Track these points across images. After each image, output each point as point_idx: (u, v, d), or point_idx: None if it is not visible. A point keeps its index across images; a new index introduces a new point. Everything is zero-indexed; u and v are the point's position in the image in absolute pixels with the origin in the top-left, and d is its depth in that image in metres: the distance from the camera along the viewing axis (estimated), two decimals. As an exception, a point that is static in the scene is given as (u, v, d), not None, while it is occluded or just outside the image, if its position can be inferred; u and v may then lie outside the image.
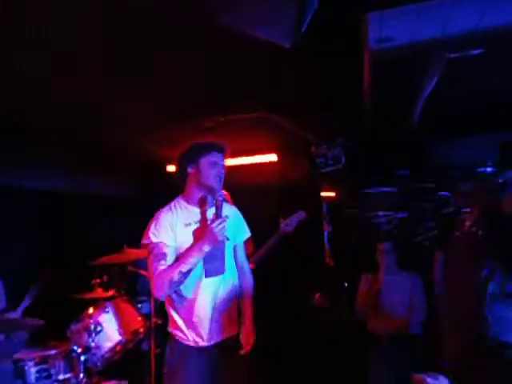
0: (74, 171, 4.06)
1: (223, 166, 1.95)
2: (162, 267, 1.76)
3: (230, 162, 4.26)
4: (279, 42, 1.51)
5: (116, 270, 3.30)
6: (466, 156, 4.07)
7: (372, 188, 3.82)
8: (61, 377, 2.46)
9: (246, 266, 2.11)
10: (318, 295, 3.94)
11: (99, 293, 2.91)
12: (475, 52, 1.59)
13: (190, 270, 1.76)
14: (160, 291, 1.77)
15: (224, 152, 1.97)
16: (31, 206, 3.82)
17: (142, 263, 3.81)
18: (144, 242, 1.86)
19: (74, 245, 4.01)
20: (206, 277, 1.86)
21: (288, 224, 2.83)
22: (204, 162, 1.91)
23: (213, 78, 2.37)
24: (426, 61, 1.70)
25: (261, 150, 4.13)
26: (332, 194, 5.26)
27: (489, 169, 4.83)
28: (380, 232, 3.68)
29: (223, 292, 1.92)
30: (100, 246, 3.58)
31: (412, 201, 4.23)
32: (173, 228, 1.85)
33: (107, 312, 2.66)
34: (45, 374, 2.46)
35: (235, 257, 2.04)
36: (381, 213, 4.15)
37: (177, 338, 1.93)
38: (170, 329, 1.98)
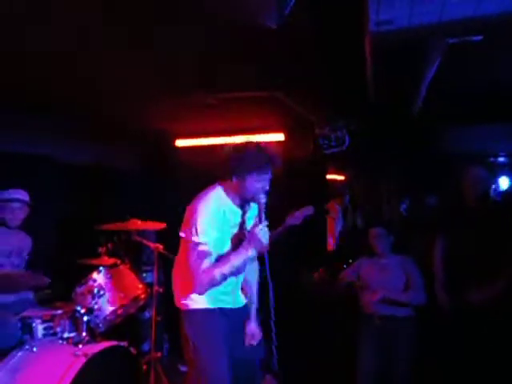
0: (85, 142, 4.16)
1: (270, 179, 1.92)
2: (205, 266, 1.82)
3: (237, 140, 4.35)
4: (265, 25, 1.52)
5: (121, 238, 3.43)
6: (476, 145, 4.02)
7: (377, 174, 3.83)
8: (65, 335, 2.58)
9: (256, 265, 2.19)
10: (320, 271, 4.03)
11: (104, 260, 3.03)
12: (475, 38, 1.58)
13: (232, 273, 1.86)
14: (202, 288, 1.86)
15: (273, 169, 1.92)
16: (42, 175, 3.96)
17: (147, 234, 3.94)
18: (188, 237, 1.86)
19: (83, 213, 4.16)
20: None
21: (294, 218, 2.89)
22: (250, 179, 1.88)
23: (219, 55, 2.38)
24: (426, 45, 1.69)
25: (268, 129, 4.15)
26: (340, 177, 5.28)
27: (500, 159, 4.76)
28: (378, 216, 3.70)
29: (236, 281, 2.06)
30: (106, 216, 3.71)
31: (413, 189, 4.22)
32: (219, 227, 1.88)
33: (109, 277, 2.79)
34: (51, 332, 2.60)
35: None
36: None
37: (197, 307, 1.98)
38: (189, 305, 2.00)
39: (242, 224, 1.98)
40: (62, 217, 4.04)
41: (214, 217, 1.87)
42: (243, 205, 1.98)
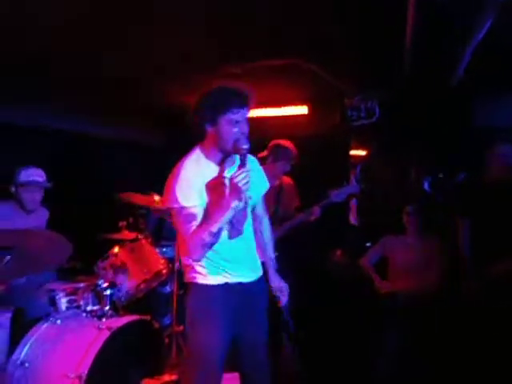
0: (107, 118, 4.11)
1: (246, 120, 1.68)
2: (193, 228, 1.67)
3: (259, 112, 4.20)
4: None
5: (142, 213, 3.40)
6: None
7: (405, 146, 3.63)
8: (89, 308, 2.59)
9: (266, 220, 2.03)
10: (339, 252, 3.95)
11: (125, 234, 3.01)
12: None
13: (220, 230, 1.67)
14: (194, 253, 1.72)
15: (247, 104, 1.67)
16: (62, 148, 3.94)
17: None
18: (170, 205, 1.69)
19: (105, 188, 4.15)
20: (229, 239, 1.80)
21: (338, 195, 2.77)
22: (223, 121, 1.66)
23: (241, 22, 2.23)
24: (478, 2, 1.50)
25: (291, 101, 3.97)
26: (363, 152, 5.09)
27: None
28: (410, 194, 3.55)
29: (242, 247, 1.86)
30: (128, 191, 3.67)
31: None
32: (198, 188, 1.71)
33: (131, 252, 2.77)
34: (74, 305, 2.62)
35: (255, 212, 1.95)
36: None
37: (199, 281, 1.83)
38: (191, 277, 1.85)
39: (220, 177, 1.75)
40: (84, 191, 4.03)
41: (193, 181, 1.70)
42: (225, 160, 1.76)
